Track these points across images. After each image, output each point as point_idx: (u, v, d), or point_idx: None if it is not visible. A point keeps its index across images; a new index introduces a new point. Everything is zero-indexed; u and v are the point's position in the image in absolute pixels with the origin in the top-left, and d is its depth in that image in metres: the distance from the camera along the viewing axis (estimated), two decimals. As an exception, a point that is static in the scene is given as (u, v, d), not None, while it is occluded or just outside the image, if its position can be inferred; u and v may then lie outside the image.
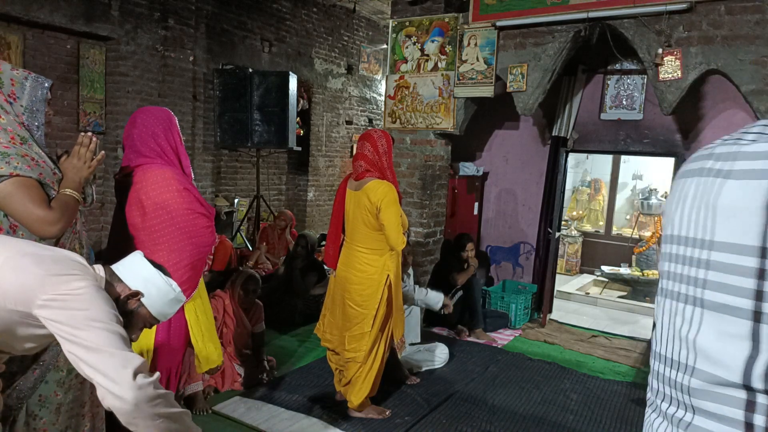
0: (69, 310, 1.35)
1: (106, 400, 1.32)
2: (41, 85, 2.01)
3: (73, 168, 2.00)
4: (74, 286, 1.38)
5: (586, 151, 6.15)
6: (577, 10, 4.08)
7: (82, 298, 1.37)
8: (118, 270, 1.61)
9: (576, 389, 3.83)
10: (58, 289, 1.36)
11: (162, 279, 1.64)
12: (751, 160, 0.89)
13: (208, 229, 2.42)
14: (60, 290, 1.36)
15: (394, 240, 3.00)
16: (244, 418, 3.17)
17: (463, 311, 4.89)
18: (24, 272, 1.38)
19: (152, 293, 1.61)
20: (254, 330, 3.72)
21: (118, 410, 1.31)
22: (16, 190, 1.84)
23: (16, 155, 1.88)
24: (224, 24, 6.81)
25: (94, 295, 1.39)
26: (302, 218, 8.47)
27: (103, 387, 1.32)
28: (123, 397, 1.30)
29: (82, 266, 1.49)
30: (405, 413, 3.33)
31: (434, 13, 4.92)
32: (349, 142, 9.13)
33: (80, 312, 1.35)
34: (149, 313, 1.62)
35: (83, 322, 1.34)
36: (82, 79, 5.53)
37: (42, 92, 2.00)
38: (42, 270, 1.39)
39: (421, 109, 5.01)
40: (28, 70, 2.02)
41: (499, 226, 5.98)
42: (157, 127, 2.36)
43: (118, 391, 1.30)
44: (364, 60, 9.30)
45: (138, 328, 1.65)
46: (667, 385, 0.97)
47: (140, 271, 1.62)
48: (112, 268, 1.61)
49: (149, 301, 1.61)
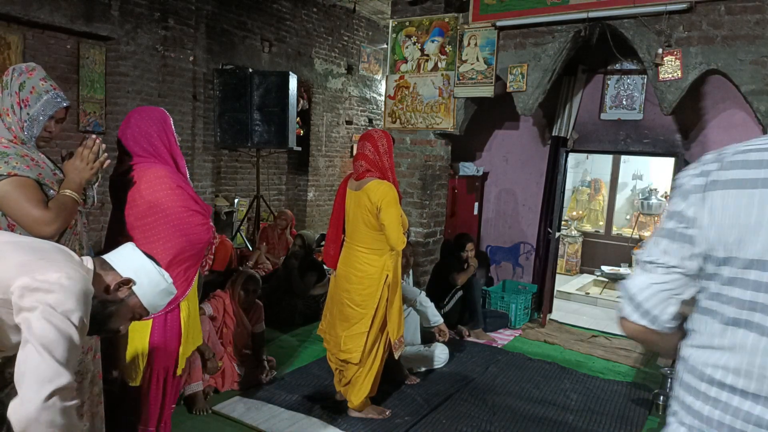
0: (36, 296, 1.33)
1: (13, 400, 1.29)
2: (57, 104, 2.03)
3: (75, 169, 2.01)
4: (50, 276, 1.36)
5: (586, 151, 6.15)
6: (577, 10, 4.08)
7: (54, 289, 1.34)
8: (109, 259, 1.60)
9: (576, 389, 3.82)
10: (34, 275, 1.34)
11: (155, 268, 1.62)
12: None
13: (204, 227, 2.41)
14: (36, 277, 1.34)
15: (394, 240, 3.00)
16: (244, 418, 3.17)
17: (463, 311, 4.89)
18: (3, 259, 1.38)
19: (144, 282, 1.59)
20: (254, 330, 3.72)
21: (14, 414, 1.27)
22: (14, 190, 1.85)
23: (15, 155, 1.90)
24: (224, 24, 6.81)
25: (66, 288, 1.36)
26: (302, 218, 8.47)
27: (17, 385, 1.29)
28: (26, 408, 1.26)
29: (65, 255, 1.47)
30: (405, 413, 3.33)
31: (434, 13, 4.92)
32: (349, 142, 9.13)
33: (45, 302, 1.32)
34: (140, 302, 1.60)
35: (42, 313, 1.31)
36: (82, 79, 5.53)
37: (52, 110, 2.02)
38: (22, 256, 1.38)
39: (421, 109, 5.01)
40: (56, 86, 2.04)
41: (499, 226, 5.98)
42: (150, 127, 2.37)
43: (25, 400, 1.27)
44: (364, 60, 9.30)
45: (127, 319, 1.62)
46: (741, 420, 0.90)
47: (132, 260, 1.60)
48: (104, 258, 1.60)
49: (141, 290, 1.58)
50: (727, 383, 0.91)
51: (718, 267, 0.93)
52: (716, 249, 0.93)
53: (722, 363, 0.92)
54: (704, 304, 0.98)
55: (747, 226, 0.88)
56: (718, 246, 0.92)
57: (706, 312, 0.97)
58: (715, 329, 0.94)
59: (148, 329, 2.37)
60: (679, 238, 0.98)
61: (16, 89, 1.96)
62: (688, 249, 0.97)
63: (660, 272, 1.00)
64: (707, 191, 0.94)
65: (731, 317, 0.92)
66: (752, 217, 0.87)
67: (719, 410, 0.92)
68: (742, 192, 0.89)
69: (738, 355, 0.90)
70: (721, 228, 0.91)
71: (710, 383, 0.93)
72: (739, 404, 0.90)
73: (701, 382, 0.95)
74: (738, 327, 0.91)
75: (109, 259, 1.60)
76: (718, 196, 0.92)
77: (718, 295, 0.94)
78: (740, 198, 0.89)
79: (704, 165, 0.98)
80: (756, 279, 0.88)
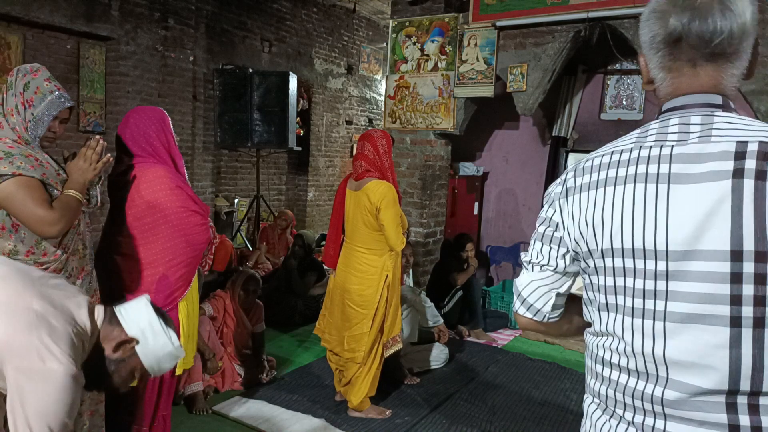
0: (30, 385, 1.30)
1: None
2: (60, 104, 2.03)
3: (78, 169, 2.02)
4: (50, 366, 1.31)
5: (586, 151, 6.15)
6: (577, 10, 4.08)
7: (49, 383, 1.30)
8: (120, 312, 1.53)
9: (576, 389, 3.82)
10: (33, 361, 1.30)
11: (162, 329, 1.52)
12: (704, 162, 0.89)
13: (203, 227, 2.41)
14: (34, 364, 1.30)
15: (394, 240, 3.00)
16: (244, 418, 3.17)
17: (463, 311, 4.89)
18: (14, 328, 1.33)
19: (149, 342, 1.50)
20: (254, 330, 3.72)
21: None
22: (18, 190, 1.86)
23: (19, 155, 1.90)
24: (224, 24, 6.81)
25: (62, 384, 1.31)
26: (302, 218, 8.47)
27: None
28: None
29: (66, 318, 1.41)
30: (405, 413, 3.33)
31: (434, 13, 4.92)
32: (349, 142, 9.13)
33: (37, 395, 1.30)
34: (141, 363, 1.51)
35: (35, 408, 1.29)
36: (82, 79, 5.53)
37: (56, 110, 2.02)
38: (29, 336, 1.33)
39: (421, 109, 5.01)
40: (60, 87, 2.05)
41: (499, 226, 5.98)
42: (149, 127, 2.37)
43: None
44: (364, 60, 9.30)
45: (126, 379, 1.54)
46: (632, 396, 0.97)
47: (141, 317, 1.52)
48: (115, 310, 1.54)
49: (143, 350, 1.50)
50: (613, 362, 1.00)
51: (587, 261, 1.04)
52: (580, 245, 1.04)
53: (607, 345, 1.02)
54: (587, 296, 1.09)
55: (595, 222, 1.00)
56: (580, 242, 1.04)
57: (588, 302, 1.08)
58: (596, 316, 1.05)
59: None
60: (548, 240, 1.11)
61: (20, 90, 1.97)
62: (556, 249, 1.10)
63: (537, 271, 1.13)
64: (566, 197, 1.07)
65: (603, 303, 1.02)
66: (598, 215, 0.99)
67: (615, 390, 1.00)
68: (588, 194, 1.02)
69: (615, 336, 1.00)
70: (579, 227, 1.03)
71: (607, 366, 1.02)
72: (624, 381, 0.98)
73: (597, 363, 1.05)
74: (610, 311, 1.01)
75: (120, 312, 1.53)
76: (574, 200, 1.05)
77: (591, 285, 1.05)
78: (587, 199, 1.02)
79: (565, 174, 1.11)
80: (611, 266, 0.99)
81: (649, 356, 0.94)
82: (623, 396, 0.99)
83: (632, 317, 0.97)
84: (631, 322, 0.97)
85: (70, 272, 2.06)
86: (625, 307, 0.98)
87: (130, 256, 2.34)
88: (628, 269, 0.96)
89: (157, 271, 2.33)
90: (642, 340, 0.95)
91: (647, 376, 0.95)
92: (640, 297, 0.95)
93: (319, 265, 5.23)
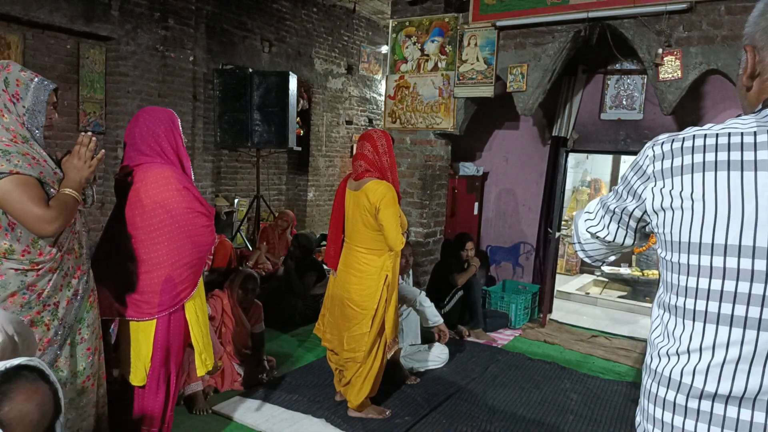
0: None
1: None
2: (45, 88, 2.02)
3: (73, 168, 2.00)
4: None
5: (586, 151, 6.15)
6: (577, 10, 4.08)
7: None
8: None
9: (576, 389, 3.82)
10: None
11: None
12: None
13: (208, 229, 2.42)
14: None
15: (393, 240, 3.00)
16: (243, 418, 3.17)
17: (463, 311, 4.89)
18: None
19: None
20: (254, 330, 3.72)
21: None
22: (15, 188, 1.84)
23: (17, 153, 1.89)
24: (224, 24, 6.81)
25: None
26: (302, 218, 8.47)
27: None
28: None
29: None
30: (405, 413, 3.33)
31: (434, 13, 4.92)
32: (349, 142, 9.13)
33: None
34: None
35: None
36: (82, 79, 5.53)
37: (45, 95, 2.01)
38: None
39: (421, 109, 5.01)
40: (36, 73, 2.03)
41: (499, 226, 5.98)
42: (158, 127, 2.37)
43: None
44: (364, 60, 9.30)
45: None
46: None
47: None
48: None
49: None
50: (707, 390, 0.86)
51: (671, 252, 0.94)
52: (665, 233, 0.96)
53: (700, 368, 0.87)
54: (663, 299, 0.96)
55: (695, 209, 0.91)
56: (666, 229, 0.95)
57: (665, 306, 0.95)
58: (677, 324, 0.92)
59: (152, 330, 2.37)
60: (617, 219, 1.10)
61: (2, 87, 1.94)
62: (624, 230, 1.10)
63: (599, 240, 1.18)
64: (669, 176, 0.96)
65: (690, 309, 0.89)
66: (698, 200, 0.90)
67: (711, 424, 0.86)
68: (694, 176, 0.93)
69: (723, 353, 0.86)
70: (672, 211, 0.94)
71: (690, 395, 0.88)
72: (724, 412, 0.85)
73: (680, 394, 0.89)
74: (696, 320, 0.89)
75: None
76: (675, 181, 0.95)
77: (671, 285, 0.92)
78: (691, 182, 0.93)
79: (660, 147, 1.00)
80: (708, 265, 0.86)
81: None
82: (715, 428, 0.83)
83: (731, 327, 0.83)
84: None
85: (66, 271, 2.04)
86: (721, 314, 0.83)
87: (136, 257, 2.34)
88: (729, 270, 0.83)
89: (162, 272, 2.33)
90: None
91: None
92: (743, 303, 0.81)
93: (319, 265, 5.23)
